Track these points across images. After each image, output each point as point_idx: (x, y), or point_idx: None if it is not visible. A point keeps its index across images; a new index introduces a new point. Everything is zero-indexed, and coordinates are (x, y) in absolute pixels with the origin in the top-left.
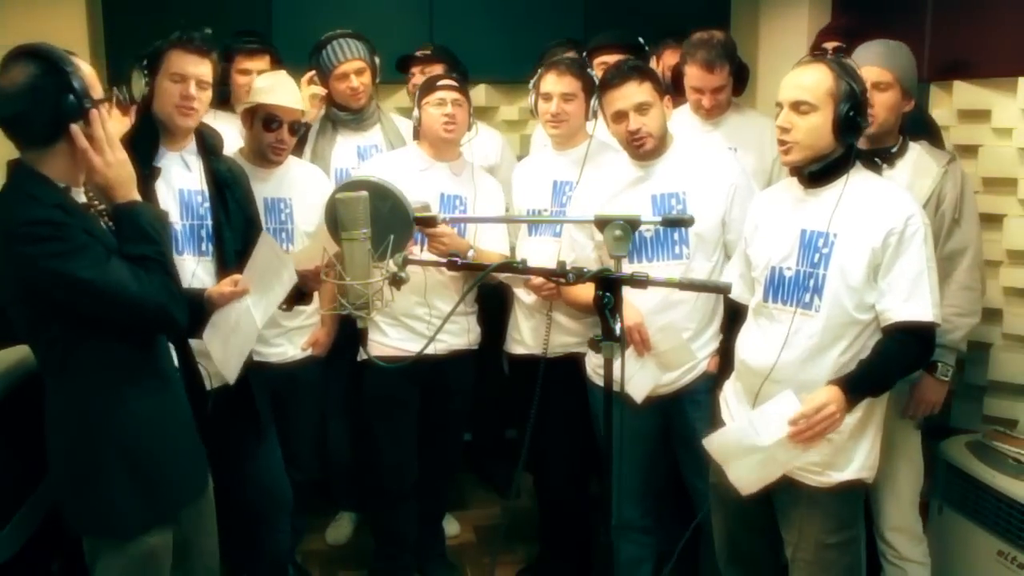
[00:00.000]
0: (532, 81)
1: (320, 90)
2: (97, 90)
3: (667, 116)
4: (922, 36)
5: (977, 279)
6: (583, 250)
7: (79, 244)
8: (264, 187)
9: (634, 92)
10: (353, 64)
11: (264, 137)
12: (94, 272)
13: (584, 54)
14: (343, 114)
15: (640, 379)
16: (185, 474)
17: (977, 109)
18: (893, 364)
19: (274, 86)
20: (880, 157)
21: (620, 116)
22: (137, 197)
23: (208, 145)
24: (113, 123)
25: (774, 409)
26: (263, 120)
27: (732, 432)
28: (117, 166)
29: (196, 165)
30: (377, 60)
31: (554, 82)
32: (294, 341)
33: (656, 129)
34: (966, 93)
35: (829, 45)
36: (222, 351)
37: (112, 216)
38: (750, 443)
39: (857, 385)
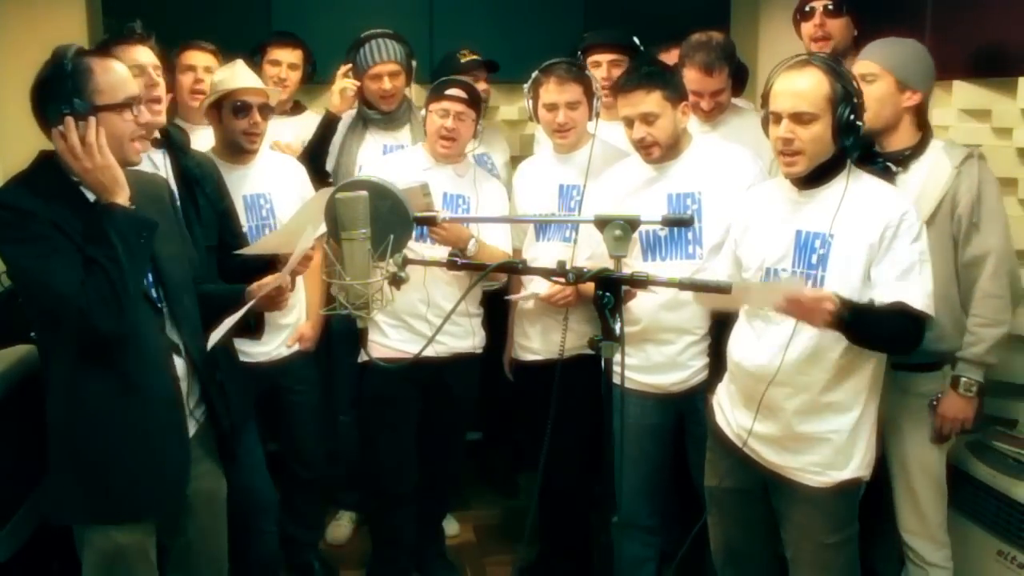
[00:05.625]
0: (527, 86)
1: (353, 83)
2: (114, 94)
3: (682, 122)
4: (922, 36)
5: (1004, 286)
6: (599, 246)
7: (32, 234)
8: (241, 184)
9: (640, 101)
10: (387, 67)
11: (236, 125)
12: (33, 263)
13: (579, 52)
14: (373, 113)
15: None
16: (145, 482)
17: (977, 109)
18: (884, 321)
19: (234, 74)
20: (894, 161)
21: (627, 121)
22: (121, 200)
23: (175, 142)
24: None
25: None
26: (232, 109)
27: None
28: (97, 171)
29: (163, 163)
30: (414, 63)
31: (557, 91)
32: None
33: (664, 138)
34: (966, 93)
35: (818, 4)
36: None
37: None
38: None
39: (851, 306)
